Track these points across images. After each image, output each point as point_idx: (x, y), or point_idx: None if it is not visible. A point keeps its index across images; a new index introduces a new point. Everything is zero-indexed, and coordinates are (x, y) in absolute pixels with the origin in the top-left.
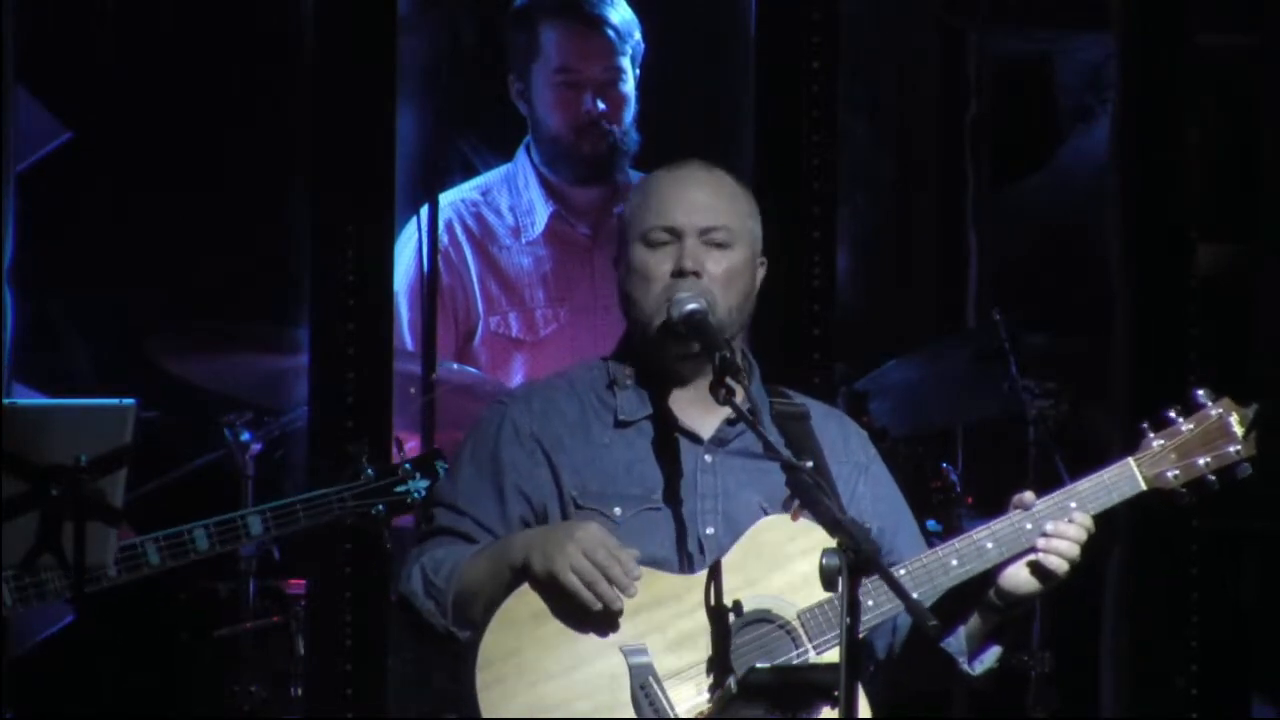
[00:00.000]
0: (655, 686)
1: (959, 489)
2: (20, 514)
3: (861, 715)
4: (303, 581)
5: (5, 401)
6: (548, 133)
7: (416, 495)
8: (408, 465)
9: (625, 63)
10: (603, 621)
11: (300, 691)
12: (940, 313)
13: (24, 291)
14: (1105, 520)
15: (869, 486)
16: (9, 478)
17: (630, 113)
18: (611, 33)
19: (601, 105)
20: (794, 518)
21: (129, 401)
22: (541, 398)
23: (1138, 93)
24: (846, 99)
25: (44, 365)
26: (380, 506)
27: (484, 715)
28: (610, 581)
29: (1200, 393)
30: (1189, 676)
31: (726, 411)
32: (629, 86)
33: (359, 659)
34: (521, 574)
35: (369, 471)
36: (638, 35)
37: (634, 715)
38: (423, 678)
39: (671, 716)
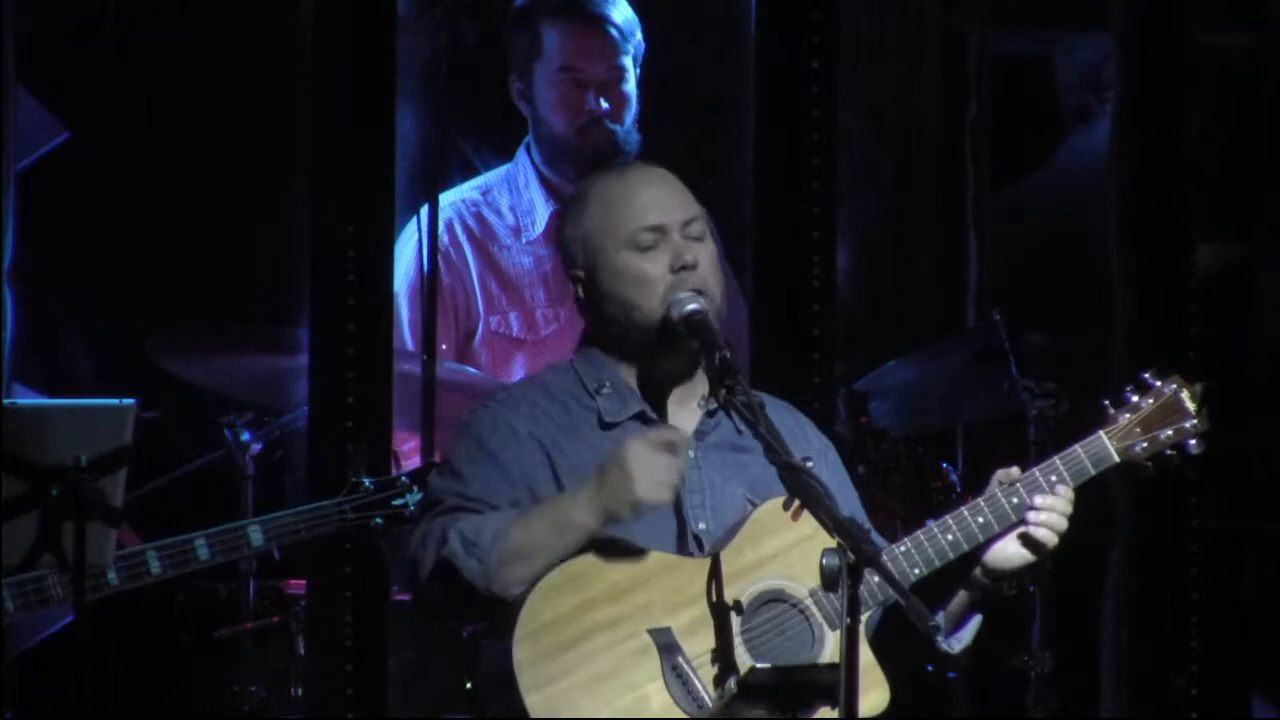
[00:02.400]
0: (686, 668)
1: (959, 489)
2: (20, 514)
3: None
4: (303, 581)
5: (5, 401)
6: (550, 132)
7: (414, 508)
8: (404, 479)
9: (628, 62)
10: (624, 605)
11: (300, 691)
12: (940, 313)
13: (24, 291)
14: (1105, 519)
15: (829, 474)
16: (9, 478)
17: (632, 112)
18: (615, 32)
19: (605, 104)
20: (794, 518)
21: (129, 401)
22: (527, 401)
23: (1138, 93)
24: (846, 99)
25: (44, 365)
26: (378, 519)
27: (524, 696)
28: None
29: (1147, 374)
30: (1189, 676)
31: (702, 404)
32: (631, 86)
33: (359, 659)
34: (602, 527)
35: (368, 484)
36: (639, 35)
37: (665, 694)
38: (423, 678)
39: (706, 698)
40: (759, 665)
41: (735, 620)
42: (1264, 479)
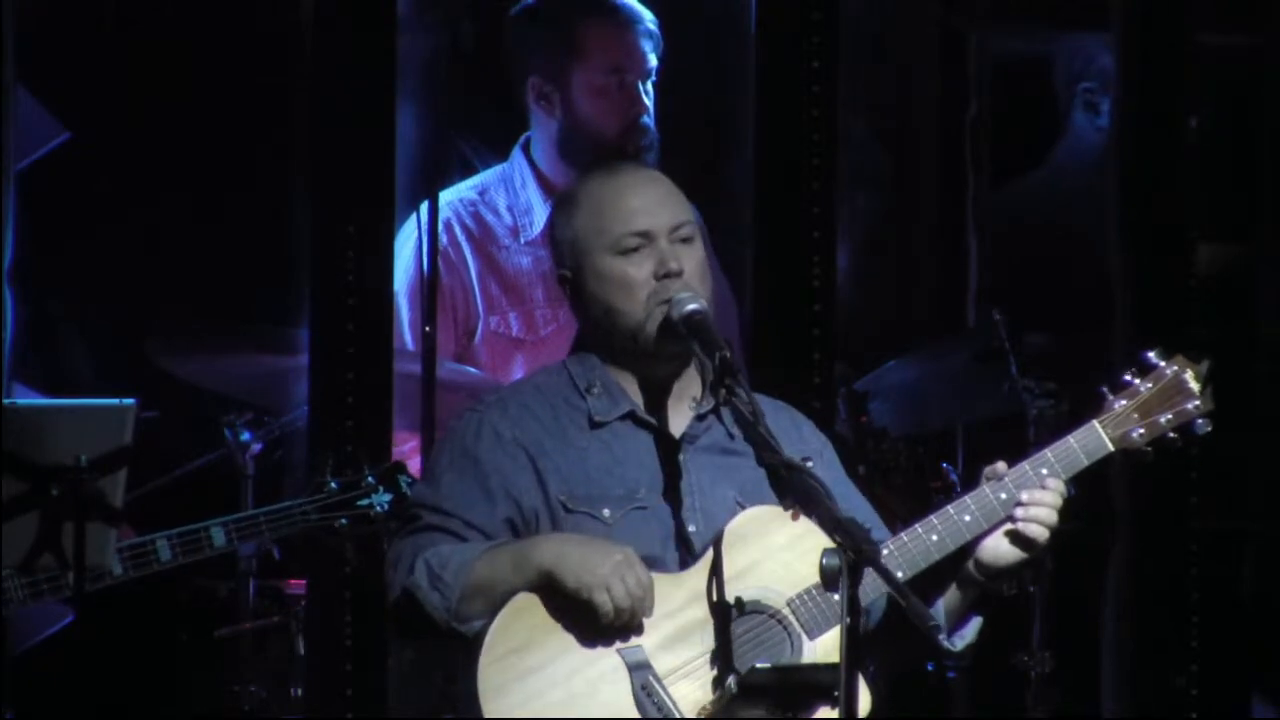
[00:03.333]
0: (656, 686)
1: (959, 489)
2: (20, 514)
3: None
4: (303, 581)
5: (5, 401)
6: (589, 132)
7: (380, 509)
8: (370, 479)
9: (656, 59)
10: (600, 625)
11: (300, 691)
12: (940, 313)
13: (24, 291)
14: (1105, 520)
15: (826, 472)
16: (9, 478)
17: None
18: (653, 27)
19: (648, 103)
20: (794, 518)
21: (129, 401)
22: (515, 403)
23: (1138, 93)
24: (846, 99)
25: (44, 365)
26: (343, 520)
27: (487, 717)
28: (634, 613)
29: (1151, 354)
30: (1189, 676)
31: (694, 406)
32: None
33: (359, 659)
34: (548, 577)
35: (332, 484)
36: None
37: (637, 715)
38: (423, 678)
39: (676, 715)
40: (758, 665)
41: (710, 634)
42: (1264, 479)
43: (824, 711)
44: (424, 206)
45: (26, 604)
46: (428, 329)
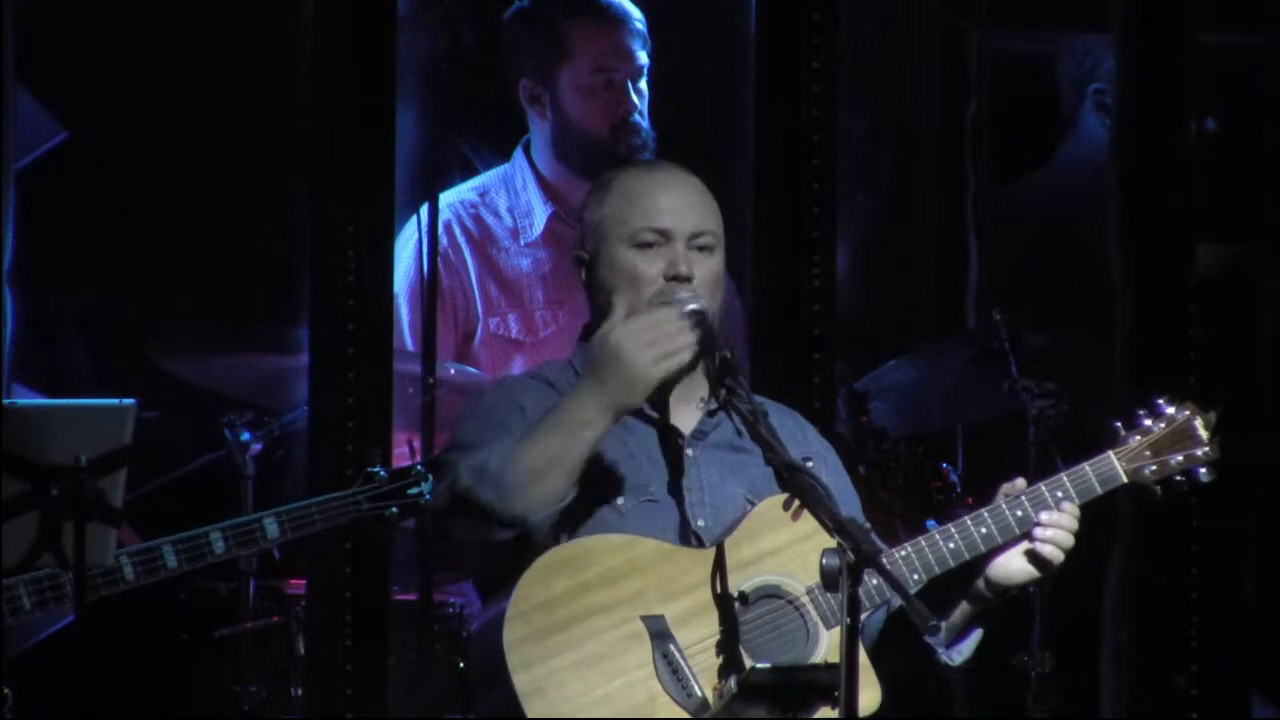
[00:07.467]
0: (677, 655)
1: (959, 489)
2: (20, 514)
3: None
4: (303, 581)
5: (5, 401)
6: (580, 132)
7: (429, 498)
8: (419, 467)
9: (646, 58)
10: (619, 590)
11: (300, 691)
12: (940, 313)
13: (24, 291)
14: (1105, 520)
15: (830, 476)
16: (9, 478)
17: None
18: (641, 26)
19: (637, 102)
20: (794, 518)
21: (129, 401)
22: (533, 389)
23: (1138, 93)
24: (846, 99)
25: (44, 365)
26: (394, 508)
27: (513, 675)
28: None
29: (1161, 399)
30: (1189, 676)
31: (702, 405)
32: (645, 82)
33: (359, 659)
34: (605, 421)
35: (381, 474)
36: None
37: (656, 682)
38: (423, 678)
39: (695, 686)
40: (758, 665)
41: (730, 613)
42: (1264, 479)
43: (826, 711)
44: (424, 208)
45: (34, 613)
46: (433, 337)
